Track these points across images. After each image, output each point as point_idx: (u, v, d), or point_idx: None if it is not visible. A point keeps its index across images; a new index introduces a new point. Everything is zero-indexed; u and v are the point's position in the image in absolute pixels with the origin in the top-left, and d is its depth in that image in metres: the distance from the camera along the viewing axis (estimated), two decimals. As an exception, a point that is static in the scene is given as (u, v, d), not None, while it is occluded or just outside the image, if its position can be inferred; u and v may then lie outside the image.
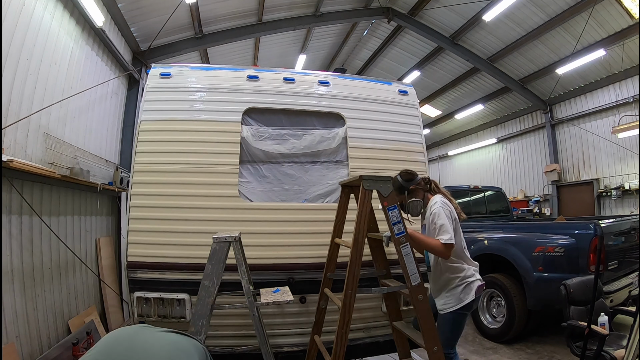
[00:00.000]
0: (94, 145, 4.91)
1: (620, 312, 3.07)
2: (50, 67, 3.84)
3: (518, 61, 10.13)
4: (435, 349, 2.11)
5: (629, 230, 4.10)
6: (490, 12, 8.15)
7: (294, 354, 2.65)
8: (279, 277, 2.63)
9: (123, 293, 5.04)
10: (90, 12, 4.43)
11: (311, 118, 3.01)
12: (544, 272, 3.91)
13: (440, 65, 11.63)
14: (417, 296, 2.13)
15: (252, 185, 2.81)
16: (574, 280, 2.94)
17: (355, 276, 2.12)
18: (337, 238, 2.57)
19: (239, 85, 2.90)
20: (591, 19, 7.71)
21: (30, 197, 3.40)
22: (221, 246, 2.17)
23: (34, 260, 3.45)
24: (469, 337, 4.62)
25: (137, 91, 6.22)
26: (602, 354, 2.39)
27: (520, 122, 12.54)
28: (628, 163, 9.10)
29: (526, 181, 12.44)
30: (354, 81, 3.24)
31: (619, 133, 8.77)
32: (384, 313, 2.70)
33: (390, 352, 2.87)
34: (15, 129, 3.18)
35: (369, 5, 9.49)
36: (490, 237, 4.77)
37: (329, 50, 12.70)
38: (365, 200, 2.20)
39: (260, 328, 2.20)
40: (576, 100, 10.39)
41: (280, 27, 8.56)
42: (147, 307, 2.52)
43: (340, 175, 2.91)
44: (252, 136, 2.85)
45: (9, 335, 2.98)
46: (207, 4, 6.79)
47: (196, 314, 2.11)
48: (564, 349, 3.79)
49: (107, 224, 5.30)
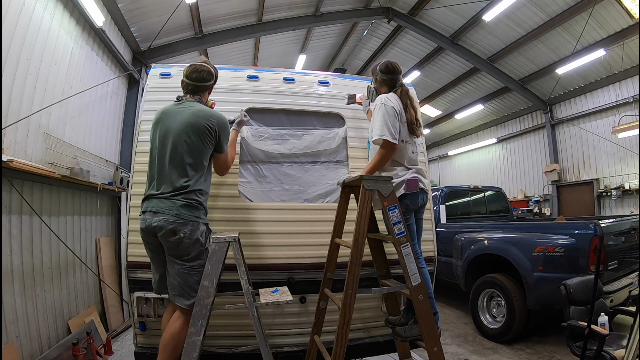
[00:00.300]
0: (94, 145, 4.91)
1: (620, 312, 3.06)
2: (50, 67, 3.84)
3: (518, 61, 10.13)
4: (436, 349, 2.11)
5: (629, 230, 4.10)
6: (490, 12, 8.16)
7: (294, 354, 2.65)
8: (279, 277, 2.63)
9: (123, 293, 5.04)
10: (90, 12, 4.44)
11: (311, 118, 3.01)
12: (544, 272, 3.91)
13: (440, 65, 11.63)
14: (417, 296, 2.13)
15: (252, 185, 2.81)
16: (574, 280, 2.94)
17: (355, 276, 2.12)
18: (337, 238, 2.57)
19: (239, 85, 2.91)
20: (591, 19, 7.71)
21: (30, 197, 3.40)
22: (220, 246, 2.17)
23: (34, 260, 3.45)
24: (469, 337, 4.62)
25: (137, 91, 6.22)
26: (602, 354, 2.38)
27: (520, 122, 12.55)
28: (628, 163, 9.10)
29: (526, 181, 12.44)
30: (354, 81, 3.24)
31: (619, 133, 8.77)
32: (384, 313, 2.70)
33: (390, 352, 2.87)
34: (15, 129, 3.18)
35: (369, 5, 9.50)
36: (490, 237, 4.77)
37: (329, 50, 12.70)
38: (366, 200, 2.20)
39: (260, 328, 2.20)
40: (576, 100, 10.39)
41: (280, 27, 8.56)
42: (147, 307, 2.53)
43: (340, 175, 2.91)
44: (252, 136, 2.85)
45: (9, 335, 2.98)
46: (207, 4, 6.79)
47: (195, 314, 2.11)
48: (564, 349, 3.80)
49: (107, 224, 5.31)
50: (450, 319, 5.40)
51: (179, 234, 2.14)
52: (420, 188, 2.48)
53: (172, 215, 2.14)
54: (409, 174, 2.46)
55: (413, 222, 2.51)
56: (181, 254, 2.18)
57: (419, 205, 2.51)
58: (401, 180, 2.43)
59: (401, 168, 2.47)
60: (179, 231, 2.14)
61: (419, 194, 2.49)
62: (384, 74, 2.63)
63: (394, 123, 2.39)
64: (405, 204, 2.42)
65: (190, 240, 2.16)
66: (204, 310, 2.11)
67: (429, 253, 2.87)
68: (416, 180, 2.46)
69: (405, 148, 2.50)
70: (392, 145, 2.37)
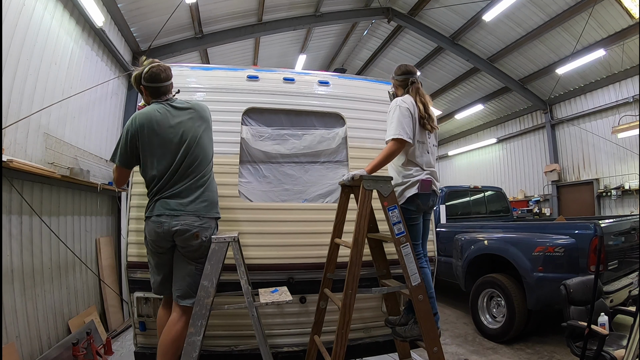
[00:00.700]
0: (94, 146, 4.91)
1: (620, 312, 3.06)
2: (50, 67, 3.84)
3: (518, 61, 10.13)
4: (436, 349, 2.11)
5: (629, 230, 4.10)
6: (490, 12, 8.15)
7: (294, 354, 2.65)
8: (279, 277, 2.63)
9: (123, 293, 5.04)
10: (90, 12, 4.43)
11: (311, 118, 3.01)
12: (544, 272, 3.91)
13: (440, 65, 11.63)
14: (417, 296, 2.13)
15: (252, 185, 2.81)
16: (574, 280, 2.94)
17: (355, 276, 2.12)
18: (337, 238, 2.57)
19: (238, 86, 2.90)
20: (591, 19, 7.71)
21: (30, 197, 3.40)
22: (220, 246, 2.17)
23: (34, 260, 3.45)
24: (469, 337, 4.62)
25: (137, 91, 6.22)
26: (602, 354, 2.38)
27: (520, 122, 12.54)
28: (628, 163, 9.10)
29: (526, 181, 12.44)
30: (354, 81, 3.24)
31: (619, 133, 8.77)
32: (384, 313, 2.70)
33: (390, 352, 2.87)
34: (15, 129, 3.18)
35: (369, 5, 9.50)
36: (490, 237, 4.77)
37: (329, 50, 12.70)
38: (366, 200, 2.20)
39: (259, 328, 2.20)
40: (576, 100, 10.39)
41: (280, 27, 8.56)
42: (147, 307, 2.53)
43: (340, 175, 2.91)
44: (252, 136, 2.85)
45: (9, 335, 2.98)
46: (207, 4, 6.79)
47: (195, 314, 2.11)
48: (564, 349, 3.79)
49: (107, 224, 5.30)
50: (450, 319, 5.40)
51: (201, 237, 2.15)
52: (432, 189, 2.50)
53: (196, 219, 2.15)
54: (423, 174, 2.47)
55: (420, 223, 2.53)
56: (199, 256, 2.20)
57: (429, 206, 2.54)
58: (416, 180, 2.44)
59: (416, 169, 2.48)
60: (201, 235, 2.15)
61: (431, 196, 2.51)
62: (398, 76, 2.69)
63: (408, 123, 2.41)
64: (417, 204, 2.44)
65: (209, 243, 2.18)
66: (204, 310, 2.11)
67: (430, 253, 2.87)
68: (430, 182, 2.48)
69: (420, 148, 2.51)
70: (402, 143, 2.38)
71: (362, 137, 2.98)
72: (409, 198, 2.43)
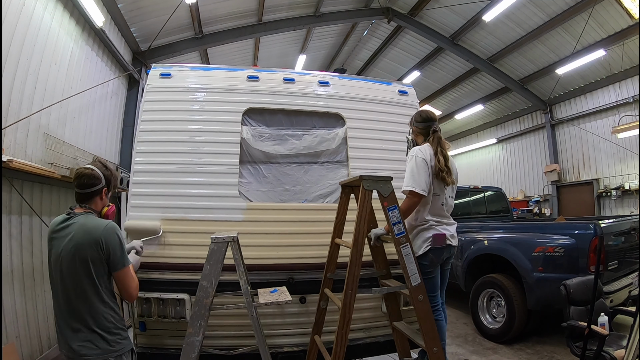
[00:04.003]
0: (94, 146, 4.91)
1: (620, 312, 3.06)
2: (50, 67, 3.84)
3: (518, 61, 10.13)
4: (435, 349, 2.11)
5: (629, 230, 4.10)
6: (490, 12, 8.16)
7: (294, 354, 2.65)
8: (279, 277, 2.63)
9: (123, 293, 5.03)
10: (90, 12, 4.44)
11: (311, 118, 3.01)
12: (544, 272, 3.91)
13: (440, 65, 11.63)
14: (417, 296, 2.13)
15: (252, 185, 2.81)
16: (574, 280, 2.93)
17: (355, 276, 2.12)
18: (337, 238, 2.57)
19: (239, 86, 2.90)
20: (591, 19, 7.71)
21: (30, 197, 3.40)
22: (219, 246, 2.17)
23: (34, 260, 3.45)
24: (469, 337, 4.62)
25: (137, 91, 6.23)
26: (602, 354, 2.38)
27: (520, 122, 12.55)
28: (628, 163, 9.10)
29: (526, 181, 12.44)
30: (353, 81, 3.24)
31: (619, 133, 8.77)
32: (384, 313, 2.70)
33: (390, 352, 2.87)
34: (15, 129, 3.18)
35: (369, 5, 9.50)
36: (490, 237, 4.77)
37: (329, 51, 12.70)
38: (366, 200, 2.20)
39: (259, 328, 2.19)
40: (576, 100, 10.40)
41: (280, 27, 8.57)
42: (147, 307, 2.52)
43: (340, 175, 2.91)
44: (252, 137, 2.84)
45: (9, 335, 2.98)
46: (207, 4, 6.80)
47: (194, 314, 2.11)
48: (564, 349, 3.79)
49: (107, 224, 5.30)
50: (450, 319, 5.39)
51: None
52: (446, 244, 2.47)
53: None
54: (438, 228, 2.45)
55: (437, 276, 2.51)
56: None
57: (443, 260, 2.52)
58: (428, 236, 2.43)
59: (433, 221, 2.46)
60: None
61: (444, 249, 2.48)
62: (418, 123, 2.63)
63: (423, 175, 2.38)
64: (430, 258, 2.42)
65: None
66: (203, 310, 2.11)
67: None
68: (443, 236, 2.45)
69: (435, 200, 2.48)
70: (419, 196, 2.37)
71: (362, 137, 2.98)
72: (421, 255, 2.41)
